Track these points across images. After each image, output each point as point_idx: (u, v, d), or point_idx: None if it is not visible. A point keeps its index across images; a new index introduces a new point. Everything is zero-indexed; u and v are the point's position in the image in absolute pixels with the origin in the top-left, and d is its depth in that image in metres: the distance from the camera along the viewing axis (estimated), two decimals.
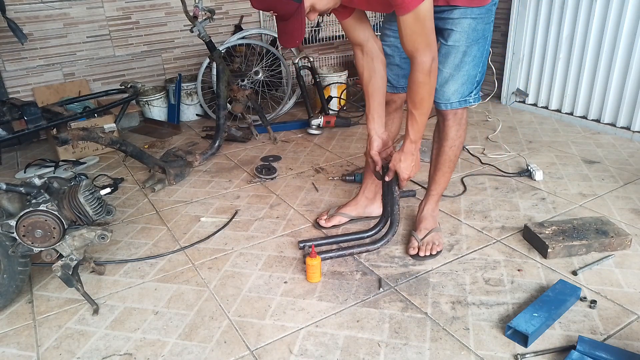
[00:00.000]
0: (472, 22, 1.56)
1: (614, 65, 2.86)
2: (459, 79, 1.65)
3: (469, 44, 1.59)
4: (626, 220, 1.99)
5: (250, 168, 2.70)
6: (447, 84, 1.66)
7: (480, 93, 3.79)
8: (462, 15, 1.55)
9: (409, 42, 1.40)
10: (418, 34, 1.37)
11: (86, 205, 1.56)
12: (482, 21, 1.57)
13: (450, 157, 1.81)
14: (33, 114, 2.11)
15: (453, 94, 1.67)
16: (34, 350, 1.47)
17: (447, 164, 1.83)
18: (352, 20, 1.60)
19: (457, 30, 1.57)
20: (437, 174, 1.87)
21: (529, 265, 1.74)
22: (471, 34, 1.57)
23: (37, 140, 3.32)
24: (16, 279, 1.60)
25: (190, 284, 1.73)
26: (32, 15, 3.22)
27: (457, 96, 1.68)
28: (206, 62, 3.49)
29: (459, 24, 1.56)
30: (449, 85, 1.66)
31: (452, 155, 1.81)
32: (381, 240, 1.81)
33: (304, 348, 1.41)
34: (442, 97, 1.70)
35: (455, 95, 1.68)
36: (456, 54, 1.61)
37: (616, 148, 2.71)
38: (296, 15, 1.31)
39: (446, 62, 1.64)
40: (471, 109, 3.52)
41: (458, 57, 1.61)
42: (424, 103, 1.49)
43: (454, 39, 1.59)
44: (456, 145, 1.79)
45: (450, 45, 1.61)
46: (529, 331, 1.35)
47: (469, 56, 1.61)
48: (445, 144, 1.79)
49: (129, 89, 2.59)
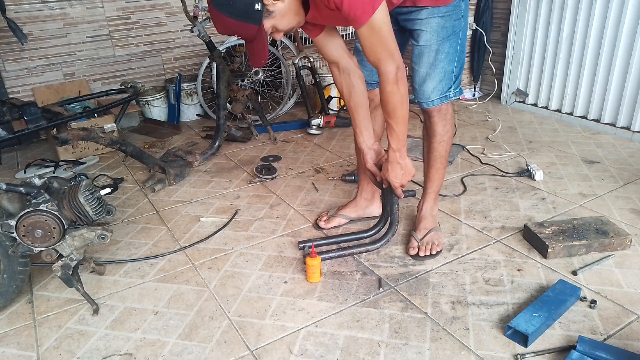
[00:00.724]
0: (440, 20, 1.58)
1: (614, 65, 2.86)
2: (435, 77, 1.66)
3: (440, 41, 1.61)
4: (626, 220, 1.99)
5: (250, 168, 2.70)
6: (425, 83, 1.68)
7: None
8: (430, 15, 1.57)
9: (370, 53, 1.42)
10: (377, 44, 1.39)
11: (86, 205, 1.56)
12: (451, 18, 1.59)
13: (440, 152, 1.82)
14: (33, 114, 2.11)
15: (432, 91, 1.69)
16: (34, 350, 1.47)
17: (439, 160, 1.84)
18: (323, 37, 1.62)
19: (426, 30, 1.60)
20: (430, 171, 1.88)
21: (529, 265, 1.74)
22: (441, 32, 1.59)
23: (37, 140, 3.32)
24: (16, 279, 1.61)
25: (190, 284, 1.73)
26: (32, 15, 3.22)
27: (437, 93, 1.69)
28: (206, 62, 3.49)
29: (427, 24, 1.59)
30: (427, 84, 1.68)
31: (442, 151, 1.82)
32: (381, 240, 1.81)
33: (304, 348, 1.41)
34: (422, 96, 1.71)
35: (435, 93, 1.69)
36: (429, 53, 1.63)
37: (616, 148, 2.71)
38: (258, 37, 1.34)
39: (420, 62, 1.66)
40: (471, 109, 3.52)
41: (431, 55, 1.63)
42: (397, 111, 1.50)
43: (425, 39, 1.61)
44: (445, 140, 1.80)
45: (422, 46, 1.63)
46: (529, 331, 1.35)
47: (442, 53, 1.63)
48: (434, 140, 1.80)
49: (129, 89, 2.59)
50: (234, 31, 1.33)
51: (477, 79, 3.83)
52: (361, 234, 1.92)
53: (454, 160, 2.64)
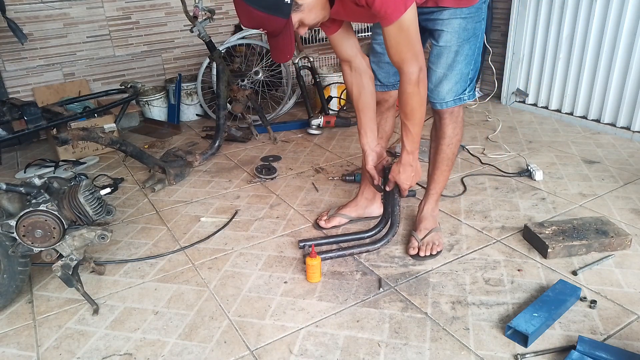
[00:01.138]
0: (462, 21, 1.56)
1: (614, 65, 2.86)
2: (452, 78, 1.65)
3: (460, 43, 1.59)
4: (626, 220, 1.99)
5: (250, 168, 2.70)
6: (441, 83, 1.67)
7: (478, 91, 3.81)
8: (452, 16, 1.55)
9: (395, 53, 1.40)
10: (403, 44, 1.37)
11: (86, 205, 1.56)
12: (473, 20, 1.57)
13: (448, 155, 1.81)
14: (33, 114, 2.12)
15: (447, 93, 1.68)
16: (34, 350, 1.47)
17: (446, 162, 1.83)
18: (340, 35, 1.60)
19: (447, 31, 1.58)
20: (435, 173, 1.87)
21: (529, 265, 1.74)
22: (462, 33, 1.58)
23: (37, 140, 3.32)
24: (16, 279, 1.61)
25: (190, 284, 1.73)
26: (32, 15, 3.22)
27: (451, 95, 1.68)
28: (206, 62, 3.49)
29: (449, 25, 1.57)
30: (443, 85, 1.67)
31: (450, 154, 1.81)
32: (381, 241, 1.81)
33: (304, 348, 1.41)
34: (437, 97, 1.70)
35: (450, 94, 1.68)
36: (448, 54, 1.62)
37: (616, 148, 2.71)
38: (285, 31, 1.31)
39: (439, 62, 1.64)
40: (471, 109, 3.52)
41: (450, 56, 1.62)
42: (415, 113, 1.50)
43: (445, 40, 1.60)
44: (454, 143, 1.79)
45: (441, 46, 1.61)
46: (529, 331, 1.35)
47: (461, 55, 1.62)
48: (443, 142, 1.79)
49: (129, 89, 2.59)
50: (260, 24, 1.29)
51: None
52: (361, 234, 1.92)
53: None
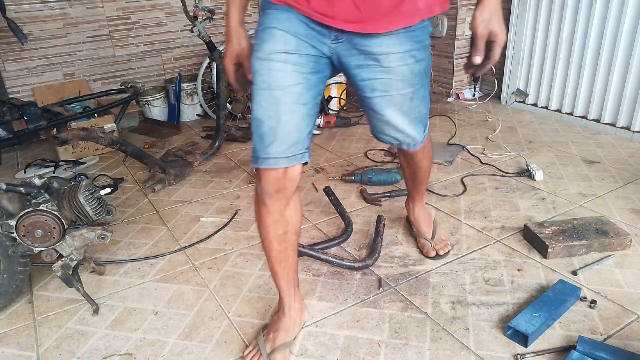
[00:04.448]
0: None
1: (614, 65, 2.86)
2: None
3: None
4: (626, 220, 1.99)
5: (250, 168, 2.70)
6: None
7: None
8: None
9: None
10: None
11: (86, 205, 1.56)
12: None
13: (426, 173, 1.72)
14: (33, 114, 2.12)
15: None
16: (34, 350, 1.47)
17: (426, 177, 1.75)
18: None
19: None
20: (419, 187, 1.79)
21: (529, 265, 1.74)
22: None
23: (37, 140, 3.31)
24: (16, 279, 1.61)
25: (190, 284, 1.73)
26: (32, 15, 3.22)
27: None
28: (206, 62, 3.49)
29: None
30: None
31: (425, 167, 1.69)
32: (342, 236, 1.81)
33: (304, 348, 1.41)
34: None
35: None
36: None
37: (616, 148, 2.71)
38: None
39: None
40: (471, 109, 3.52)
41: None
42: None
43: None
44: (427, 157, 1.66)
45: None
46: (529, 331, 1.35)
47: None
48: (420, 172, 1.70)
49: (129, 89, 2.59)
50: None
51: (477, 79, 3.83)
52: (330, 242, 1.90)
53: (453, 160, 2.64)
